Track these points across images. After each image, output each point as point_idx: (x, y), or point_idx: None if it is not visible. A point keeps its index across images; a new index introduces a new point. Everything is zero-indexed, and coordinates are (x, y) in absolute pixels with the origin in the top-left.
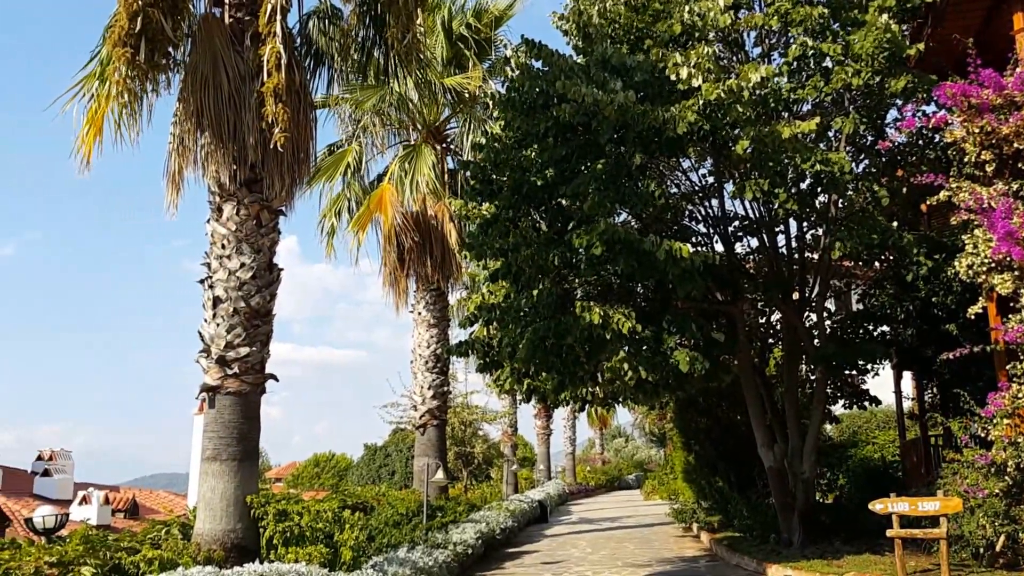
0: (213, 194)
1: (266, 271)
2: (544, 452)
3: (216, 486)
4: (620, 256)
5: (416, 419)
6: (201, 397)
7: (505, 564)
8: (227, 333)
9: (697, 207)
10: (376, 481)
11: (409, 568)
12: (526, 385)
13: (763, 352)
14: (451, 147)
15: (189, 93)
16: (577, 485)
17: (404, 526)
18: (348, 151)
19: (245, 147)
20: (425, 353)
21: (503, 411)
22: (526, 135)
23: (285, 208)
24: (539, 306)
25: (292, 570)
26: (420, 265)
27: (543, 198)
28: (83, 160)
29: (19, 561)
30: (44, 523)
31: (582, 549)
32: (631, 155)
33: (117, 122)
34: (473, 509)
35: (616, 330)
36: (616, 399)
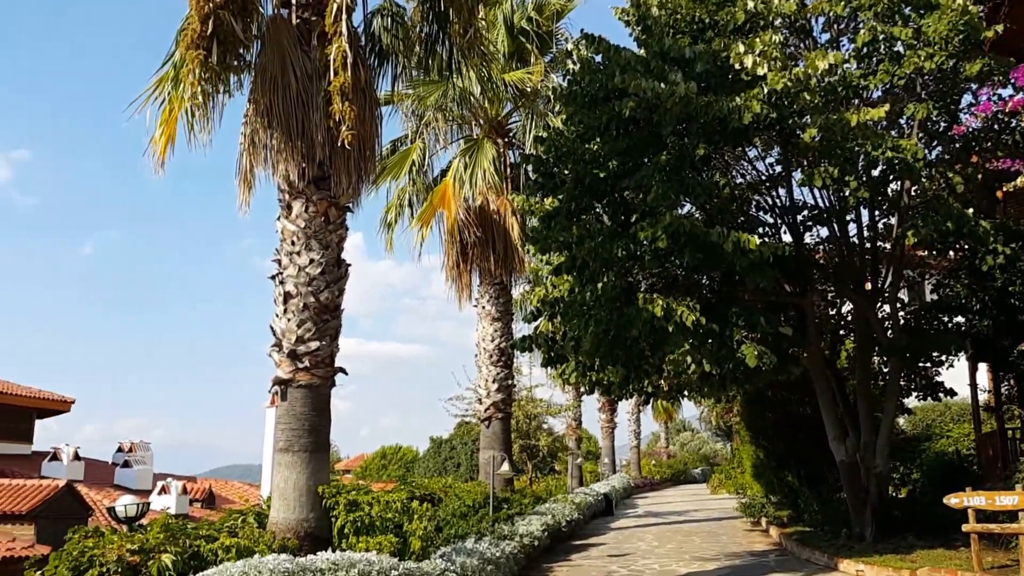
0: (283, 192)
1: (334, 267)
2: (608, 446)
3: (289, 476)
4: (686, 249)
5: (481, 412)
6: (273, 390)
7: (572, 556)
8: (298, 328)
9: (764, 197)
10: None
11: (477, 559)
12: (590, 378)
13: (834, 344)
14: (513, 141)
15: (259, 93)
16: (642, 479)
17: (471, 517)
18: (412, 148)
19: (313, 145)
20: (489, 347)
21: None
22: (588, 128)
23: (352, 205)
24: (603, 299)
25: (363, 559)
26: (483, 260)
27: (606, 190)
28: (157, 160)
29: (103, 548)
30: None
31: (649, 542)
32: (694, 146)
33: (190, 123)
34: (538, 501)
35: (680, 323)
36: (681, 392)
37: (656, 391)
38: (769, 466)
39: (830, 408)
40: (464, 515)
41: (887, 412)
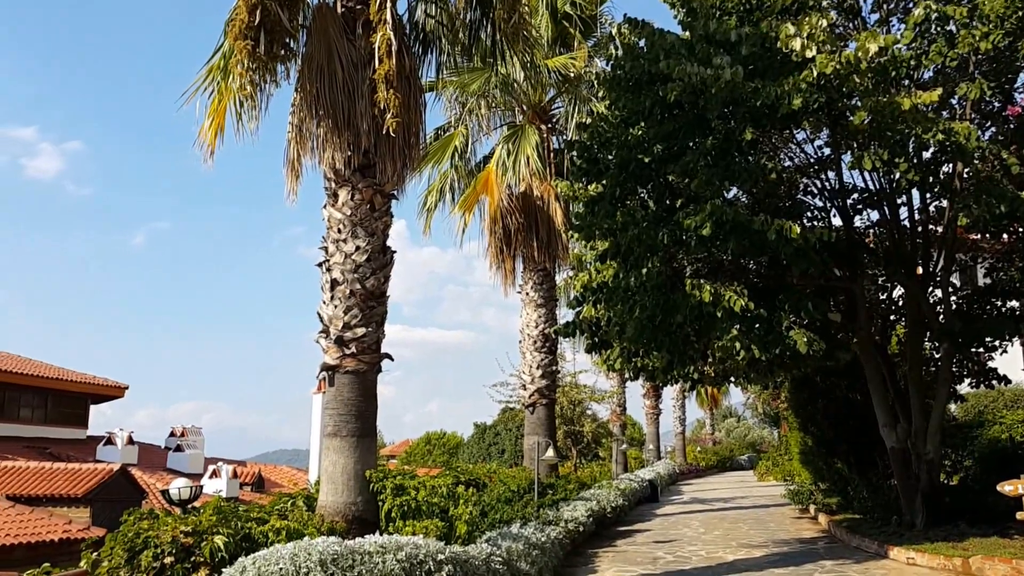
0: (329, 180)
1: (380, 254)
2: (653, 432)
3: (337, 461)
4: (731, 236)
5: (525, 398)
6: (321, 376)
7: (617, 542)
8: (344, 314)
9: (812, 180)
10: (486, 459)
11: (522, 543)
12: (635, 364)
13: (884, 329)
14: (556, 127)
15: (306, 82)
16: (687, 465)
17: (515, 503)
18: (455, 135)
19: (359, 133)
20: (533, 333)
21: (611, 391)
22: (632, 113)
23: (397, 192)
24: (648, 285)
25: (410, 542)
26: (526, 246)
27: (650, 175)
28: (207, 151)
29: (157, 530)
30: (179, 495)
31: (695, 529)
32: (741, 130)
33: (238, 113)
34: (583, 487)
35: (727, 308)
36: (727, 378)
37: (701, 377)
38: (818, 453)
39: (880, 394)
40: (509, 500)
41: (939, 398)
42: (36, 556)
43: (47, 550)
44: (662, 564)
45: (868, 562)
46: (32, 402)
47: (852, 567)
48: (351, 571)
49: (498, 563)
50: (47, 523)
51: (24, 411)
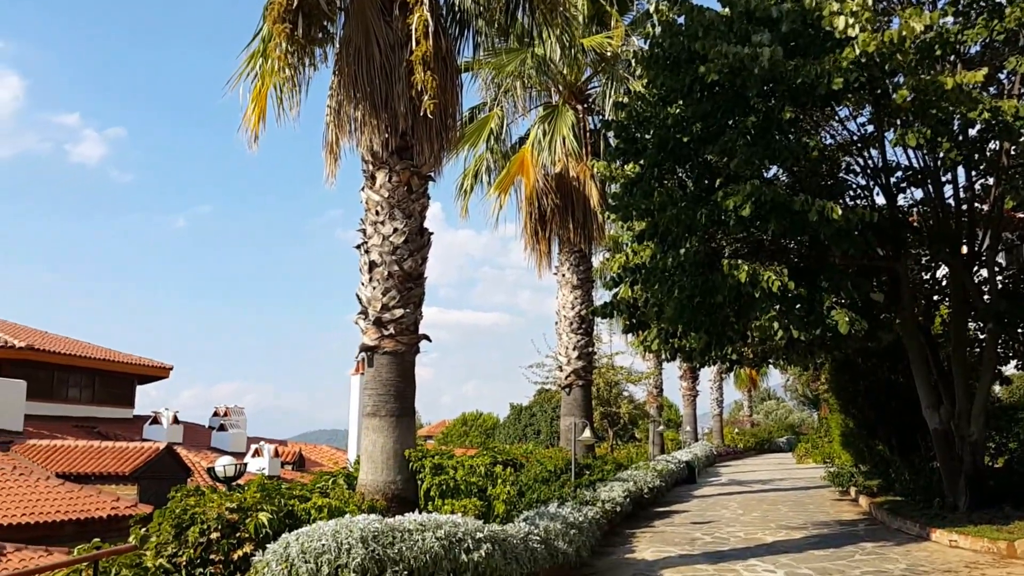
0: (366, 162)
1: (417, 235)
2: (690, 414)
3: (376, 440)
4: (770, 216)
5: (562, 379)
6: (360, 357)
7: (655, 523)
8: (383, 295)
9: (855, 158)
10: (522, 440)
11: (560, 523)
12: (672, 345)
13: (928, 310)
14: (592, 107)
15: (343, 65)
16: (724, 447)
17: (553, 483)
18: (491, 116)
19: (396, 115)
20: (570, 315)
21: (648, 372)
22: (670, 91)
23: (433, 174)
24: (686, 265)
25: (449, 520)
26: (562, 227)
27: (688, 155)
28: (250, 135)
29: (203, 507)
30: (224, 472)
31: (733, 510)
32: (781, 108)
33: (279, 97)
34: (620, 468)
35: (766, 288)
36: (766, 360)
37: (740, 358)
38: (859, 435)
39: (924, 375)
40: (546, 480)
41: (983, 379)
42: (85, 532)
43: (96, 526)
44: (700, 545)
45: (910, 544)
46: (80, 382)
47: (893, 549)
48: (391, 548)
49: (536, 542)
50: (96, 500)
51: (73, 391)
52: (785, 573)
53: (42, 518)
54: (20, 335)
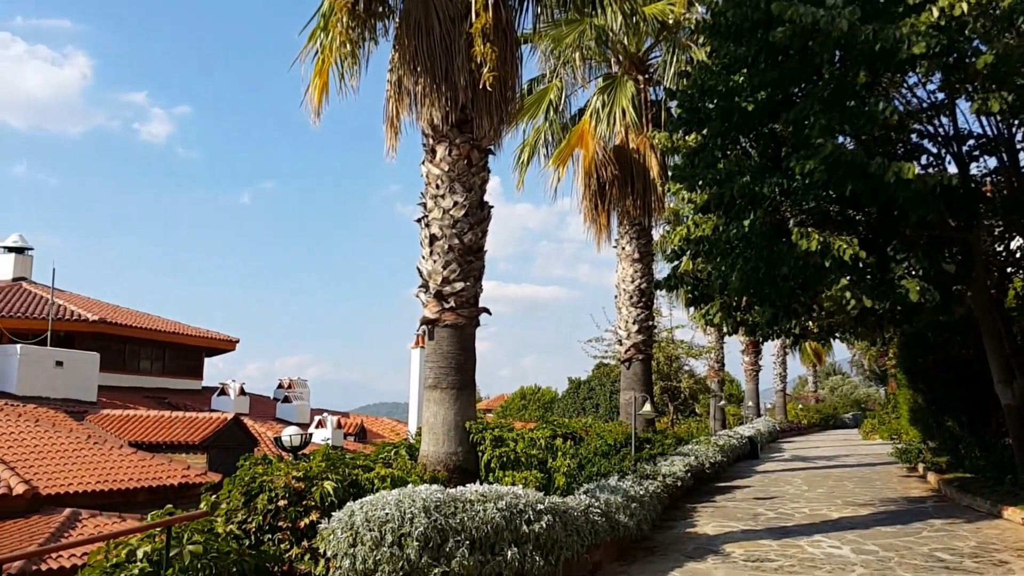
0: (427, 136)
1: (477, 209)
2: (752, 389)
3: (438, 412)
4: (845, 180)
5: (621, 353)
6: (420, 331)
7: (716, 497)
8: (443, 269)
9: (925, 126)
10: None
11: (621, 496)
12: (735, 318)
13: (1001, 282)
14: (653, 78)
15: (404, 38)
16: (788, 423)
17: (612, 456)
18: (550, 88)
19: (456, 88)
20: (629, 288)
21: (709, 346)
22: (734, 60)
23: (493, 147)
24: (751, 236)
25: (510, 492)
26: (621, 200)
27: (754, 124)
28: (312, 110)
29: (271, 475)
30: (291, 441)
31: (797, 486)
32: (854, 74)
33: (341, 72)
34: (680, 443)
35: (837, 257)
36: (832, 334)
37: (805, 332)
38: (928, 411)
39: (996, 350)
40: (606, 454)
41: None
42: (157, 499)
43: (167, 494)
44: (763, 520)
45: (980, 522)
46: (151, 355)
47: (963, 527)
48: (453, 518)
49: (597, 515)
50: (167, 468)
51: (144, 363)
52: (851, 549)
53: (116, 485)
54: (93, 308)
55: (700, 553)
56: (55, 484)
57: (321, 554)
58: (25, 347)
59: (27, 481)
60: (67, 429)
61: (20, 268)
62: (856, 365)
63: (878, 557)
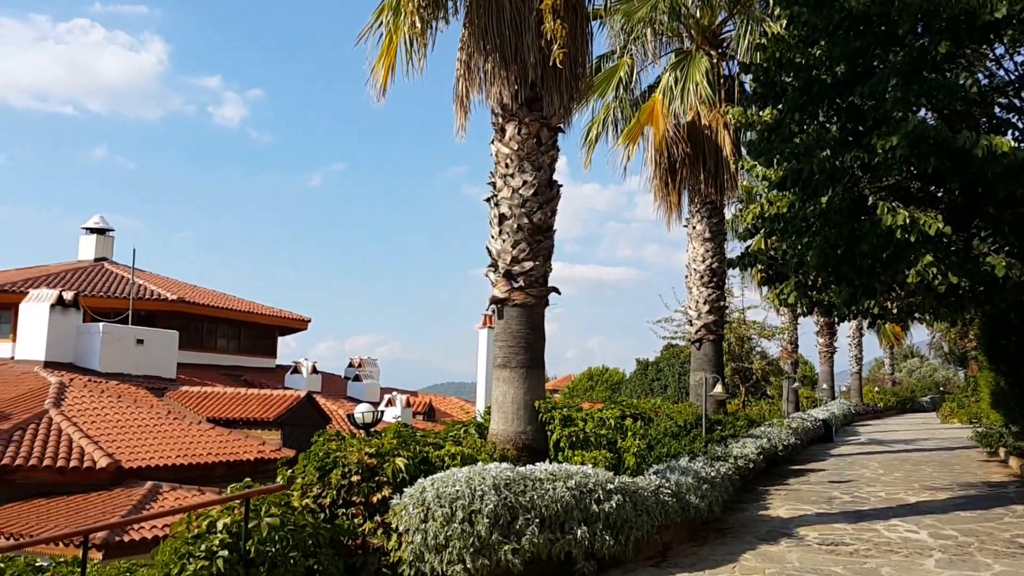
0: (496, 115)
1: (546, 187)
2: (827, 371)
3: (507, 391)
4: (930, 155)
5: (692, 334)
6: (490, 310)
7: (789, 480)
8: (512, 248)
9: (1011, 99)
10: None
11: (691, 477)
12: (811, 298)
13: None
14: (727, 52)
15: (474, 16)
16: (863, 406)
17: (683, 438)
18: (620, 65)
19: (526, 66)
20: (700, 268)
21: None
22: (812, 31)
23: (563, 125)
24: (829, 213)
25: (580, 471)
26: (692, 178)
27: (833, 97)
28: (379, 90)
29: (344, 451)
30: (363, 418)
31: (873, 470)
32: (936, 44)
33: (408, 51)
34: (752, 425)
35: (923, 233)
36: (913, 314)
37: (883, 312)
38: (1010, 394)
39: None
40: (675, 435)
41: None
42: (234, 474)
43: (243, 468)
44: (838, 504)
45: None
46: (227, 333)
47: None
48: (523, 496)
49: (667, 495)
50: (244, 444)
51: (221, 341)
52: (929, 534)
53: (195, 460)
54: (172, 288)
55: (773, 536)
56: (137, 458)
57: (393, 529)
58: (108, 325)
59: (110, 455)
60: (148, 405)
61: (101, 249)
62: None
63: (957, 542)
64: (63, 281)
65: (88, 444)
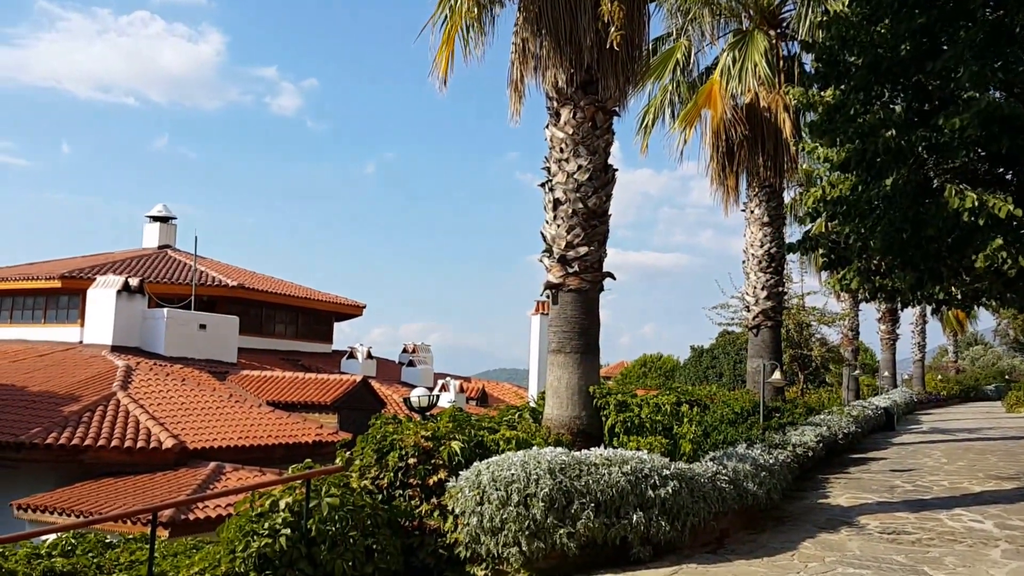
0: (551, 99)
1: (601, 172)
2: (888, 358)
3: (561, 376)
4: (1002, 136)
5: (749, 320)
6: (544, 295)
7: (849, 469)
8: (567, 233)
9: None
10: (703, 382)
11: (749, 464)
12: (874, 283)
13: None
14: (786, 32)
15: (528, 0)
16: (926, 394)
17: (739, 425)
18: (676, 47)
19: (581, 49)
20: (758, 253)
21: (842, 313)
22: (876, 8)
23: (618, 108)
24: (895, 195)
25: (635, 456)
26: (750, 161)
27: (898, 77)
28: (440, 79)
29: (401, 434)
30: (419, 402)
31: (936, 459)
32: (1012, 15)
33: (466, 39)
34: (811, 412)
35: (993, 216)
36: (979, 300)
37: (948, 298)
38: None
39: None
40: (732, 422)
41: None
42: (293, 455)
43: (301, 450)
44: (900, 493)
45: None
46: (285, 319)
47: None
48: (578, 480)
49: (724, 482)
50: (302, 427)
51: (279, 327)
52: (994, 524)
53: (255, 441)
54: (232, 275)
55: (833, 524)
56: (200, 439)
57: (449, 511)
58: (171, 311)
59: (175, 436)
60: (210, 388)
61: (165, 236)
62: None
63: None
64: (128, 268)
65: (154, 425)
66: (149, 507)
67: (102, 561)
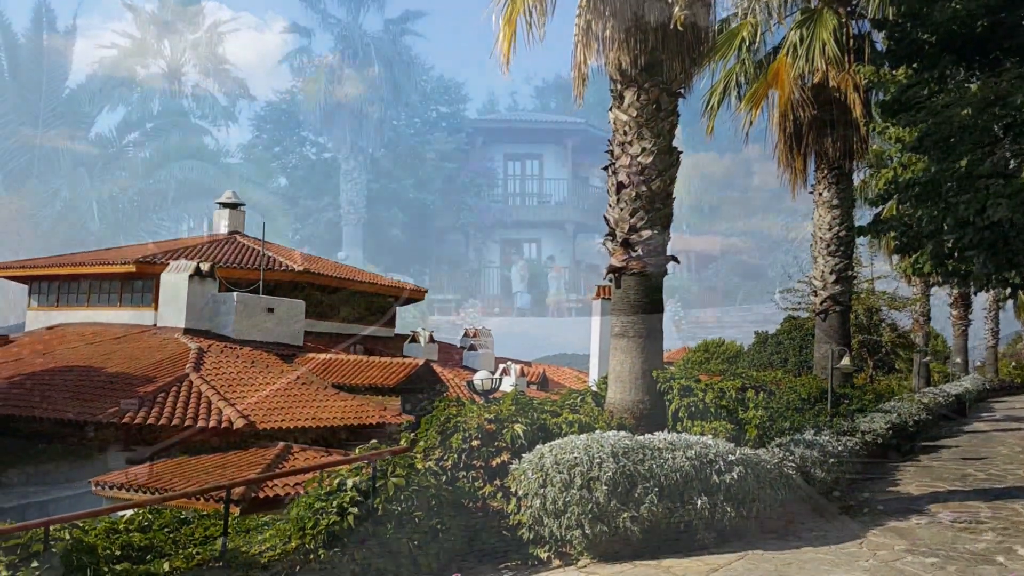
0: (615, 82)
1: (665, 154)
2: (960, 345)
3: (624, 360)
4: None
5: (816, 305)
6: (607, 279)
7: (919, 457)
8: (630, 217)
9: None
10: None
11: (817, 451)
12: (947, 268)
13: None
14: (855, 10)
15: None
16: (999, 381)
17: (807, 411)
18: (742, 26)
19: (646, 30)
20: (826, 236)
21: (913, 298)
22: None
23: (683, 90)
24: (969, 176)
25: (699, 441)
26: (818, 142)
27: (973, 54)
28: (503, 61)
29: (464, 416)
30: (482, 385)
31: (1010, 447)
32: None
33: (528, 22)
34: (880, 399)
35: None
36: None
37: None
38: None
39: None
40: (799, 408)
41: None
42: (357, 436)
43: (366, 432)
44: (972, 482)
45: None
46: (349, 303)
47: None
48: (641, 464)
49: (791, 468)
50: (366, 408)
51: (343, 311)
52: None
53: (322, 423)
54: (298, 260)
55: (903, 512)
56: (269, 420)
57: (512, 493)
58: (240, 295)
59: (245, 416)
60: (278, 370)
61: (234, 222)
62: None
63: None
64: (200, 253)
65: (225, 406)
66: (223, 484)
67: (177, 536)
